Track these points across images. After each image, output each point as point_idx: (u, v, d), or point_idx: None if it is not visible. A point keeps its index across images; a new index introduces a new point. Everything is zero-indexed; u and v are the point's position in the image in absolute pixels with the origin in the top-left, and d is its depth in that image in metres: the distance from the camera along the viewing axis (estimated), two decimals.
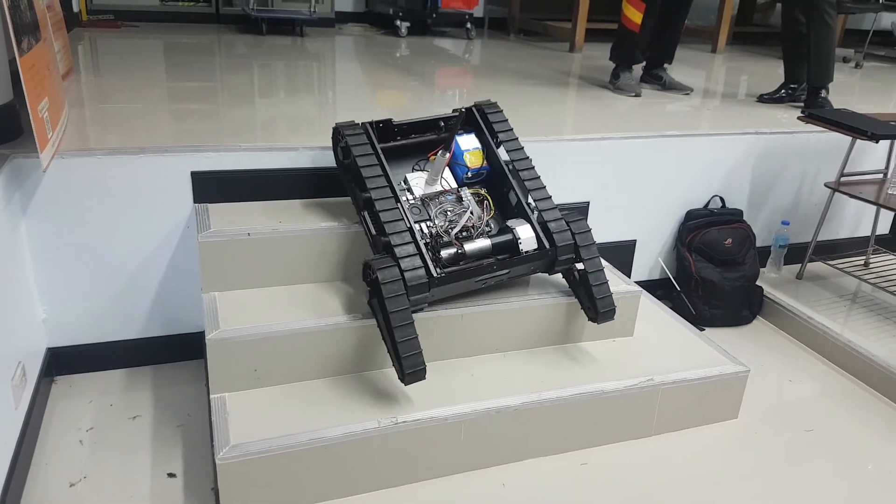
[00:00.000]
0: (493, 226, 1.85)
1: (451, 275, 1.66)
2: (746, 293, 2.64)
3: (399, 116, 2.59)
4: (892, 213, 3.06)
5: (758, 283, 2.69)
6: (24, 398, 1.73)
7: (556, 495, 1.67)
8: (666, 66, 3.45)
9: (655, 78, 3.43)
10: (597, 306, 1.81)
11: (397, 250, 1.60)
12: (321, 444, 1.54)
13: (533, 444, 1.77)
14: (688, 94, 3.36)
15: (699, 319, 2.56)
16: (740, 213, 2.74)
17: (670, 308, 2.34)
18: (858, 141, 2.55)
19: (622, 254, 2.62)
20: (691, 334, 2.15)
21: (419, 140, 1.92)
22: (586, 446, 1.83)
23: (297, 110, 2.60)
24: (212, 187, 2.00)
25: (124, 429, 1.83)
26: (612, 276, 2.12)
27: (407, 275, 1.57)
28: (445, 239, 1.74)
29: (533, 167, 1.89)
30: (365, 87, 3.22)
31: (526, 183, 1.84)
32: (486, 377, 1.80)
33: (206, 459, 1.71)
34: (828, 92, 3.11)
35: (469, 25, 4.93)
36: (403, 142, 1.91)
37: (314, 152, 2.11)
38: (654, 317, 2.22)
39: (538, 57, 4.35)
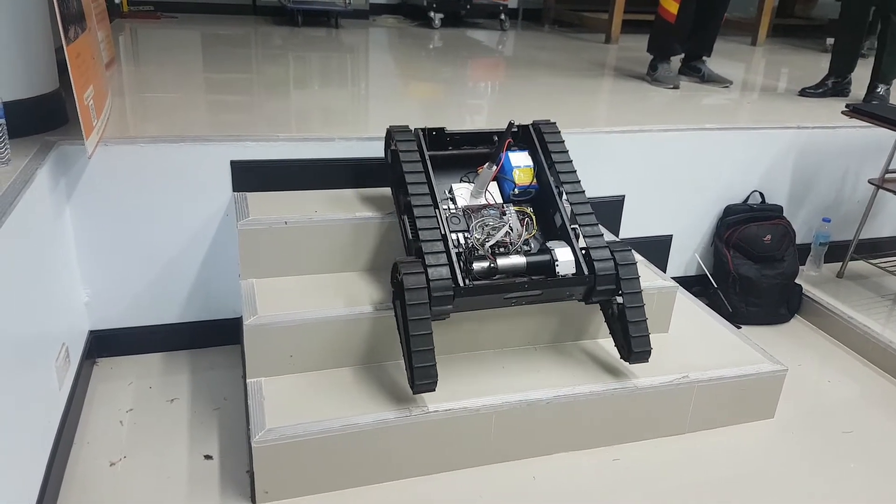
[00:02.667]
0: (532, 245, 1.78)
1: (478, 287, 1.60)
2: (785, 291, 2.59)
3: (432, 108, 2.59)
4: None
5: (797, 280, 2.63)
6: (68, 379, 1.78)
7: (587, 490, 1.66)
8: (705, 58, 3.38)
9: (694, 70, 3.37)
10: (630, 345, 1.71)
11: (427, 255, 1.57)
12: (354, 430, 1.56)
13: (565, 439, 1.76)
14: (727, 86, 3.29)
15: (736, 317, 2.52)
16: (780, 209, 2.68)
17: (707, 305, 2.31)
18: None
19: (658, 249, 2.58)
20: (728, 332, 2.11)
21: (470, 152, 1.88)
22: (619, 442, 1.81)
23: (332, 101, 2.62)
24: (250, 176, 2.03)
25: (163, 411, 1.87)
26: (648, 271, 2.10)
27: (433, 281, 1.54)
28: (480, 252, 1.69)
29: (583, 191, 1.81)
30: (398, 78, 3.22)
31: (573, 207, 1.77)
32: (518, 370, 1.80)
33: (242, 442, 1.74)
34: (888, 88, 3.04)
35: (503, 17, 4.90)
36: (454, 152, 1.87)
37: (350, 143, 2.12)
38: (690, 313, 2.19)
39: (573, 48, 4.31)
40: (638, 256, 2.18)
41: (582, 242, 1.72)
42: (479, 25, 5.12)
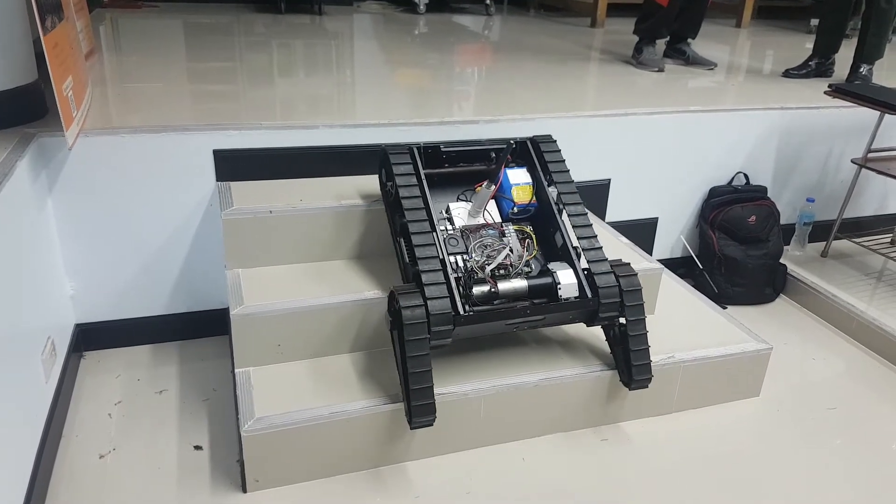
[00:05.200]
0: (533, 266, 1.73)
1: (479, 314, 1.55)
2: (770, 271, 2.61)
3: (420, 96, 2.58)
4: None
5: (781, 260, 2.66)
6: (54, 372, 1.78)
7: (576, 470, 1.68)
8: (690, 40, 3.38)
9: (679, 53, 3.37)
10: (631, 372, 1.68)
11: (425, 279, 1.52)
12: (343, 417, 1.57)
13: (553, 421, 1.78)
14: (712, 69, 3.30)
15: (722, 297, 2.54)
16: (764, 189, 2.69)
17: (692, 286, 2.32)
18: (887, 116, 2.49)
19: (644, 232, 2.60)
20: (713, 312, 2.13)
21: (467, 169, 1.84)
22: (606, 423, 1.83)
23: (317, 89, 2.60)
24: (234, 165, 2.02)
25: (151, 402, 1.87)
26: (634, 253, 2.11)
27: (432, 309, 1.49)
28: (479, 275, 1.63)
29: (585, 211, 1.76)
30: (384, 65, 3.20)
31: (575, 226, 1.73)
32: (504, 354, 1.81)
33: (232, 432, 1.74)
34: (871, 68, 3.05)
35: (488, 1, 4.87)
36: (451, 169, 1.83)
37: (334, 130, 2.11)
38: (676, 295, 2.20)
39: (559, 32, 4.29)
40: (624, 239, 2.19)
41: (584, 263, 1.68)
42: (465, 10, 5.09)
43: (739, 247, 2.58)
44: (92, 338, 2.06)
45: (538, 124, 2.30)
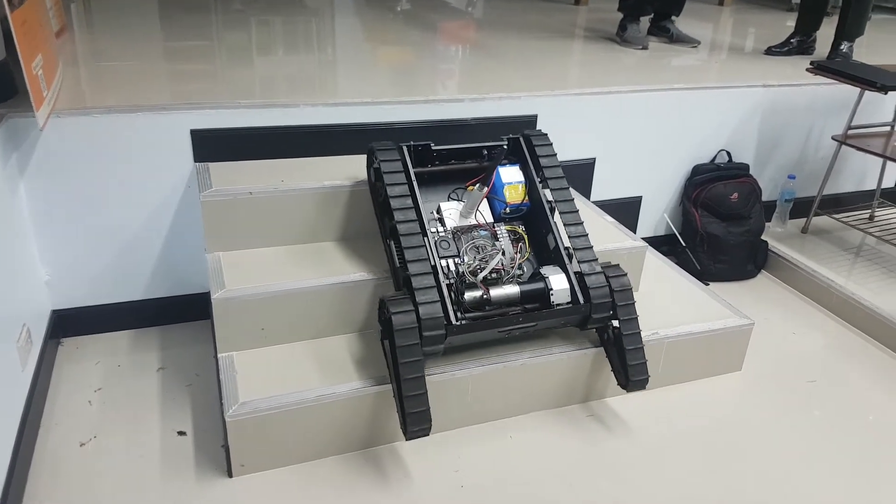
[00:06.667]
0: (525, 269, 1.71)
1: (471, 322, 1.54)
2: (751, 248, 2.63)
3: (403, 74, 2.54)
4: None
5: (763, 237, 2.68)
6: (31, 360, 1.74)
7: (562, 445, 1.69)
8: (674, 18, 3.37)
9: (663, 30, 3.35)
10: (628, 373, 1.67)
11: (417, 290, 1.49)
12: (329, 400, 1.55)
13: (539, 398, 1.78)
14: (695, 46, 3.28)
15: (704, 274, 2.56)
16: (746, 167, 2.70)
17: (676, 263, 2.33)
18: (867, 93, 2.50)
19: (628, 210, 2.60)
20: (696, 289, 2.14)
21: (458, 167, 1.79)
22: (592, 399, 1.84)
23: (297, 68, 2.55)
24: (212, 146, 1.97)
25: (133, 389, 1.84)
26: (618, 231, 2.11)
27: (423, 318, 1.46)
28: (471, 279, 1.60)
29: (576, 210, 1.73)
30: (366, 43, 3.15)
31: (567, 227, 1.71)
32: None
33: (216, 418, 1.72)
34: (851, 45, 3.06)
35: None
36: (442, 168, 1.78)
37: (316, 109, 2.07)
38: (660, 272, 2.21)
39: (543, 10, 4.25)
40: (609, 218, 2.19)
41: (576, 265, 1.66)
42: None
43: (721, 224, 2.59)
44: (70, 324, 2.02)
45: (524, 102, 2.28)
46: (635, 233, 2.60)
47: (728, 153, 2.67)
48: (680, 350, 1.89)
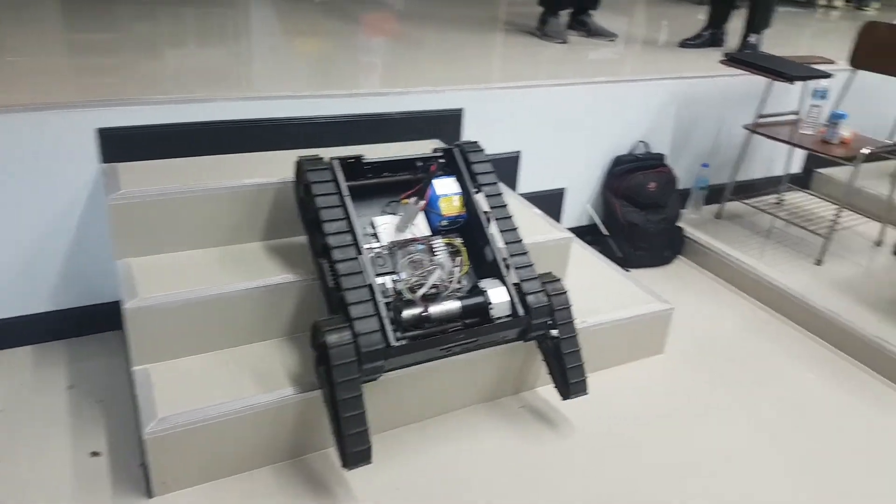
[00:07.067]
0: (464, 283, 1.66)
1: (411, 343, 1.48)
2: (668, 234, 2.72)
3: (322, 66, 2.46)
4: (804, 152, 3.19)
5: (679, 224, 2.77)
6: None
7: (497, 438, 1.70)
8: (591, 12, 3.43)
9: (581, 24, 3.41)
10: (569, 388, 1.68)
11: (352, 310, 1.42)
12: (255, 410, 1.49)
13: (471, 394, 1.78)
14: (612, 40, 3.35)
15: (626, 261, 2.63)
16: (663, 157, 2.79)
17: (599, 251, 2.38)
18: (775, 83, 2.62)
19: (552, 202, 2.63)
20: (619, 276, 2.20)
21: (391, 179, 1.73)
22: (523, 390, 1.86)
23: (211, 61, 2.43)
24: (122, 145, 1.86)
25: (39, 408, 1.71)
26: (546, 224, 2.12)
27: (361, 340, 1.40)
28: (409, 296, 1.55)
29: (511, 216, 1.70)
30: (283, 35, 3.05)
31: (504, 234, 1.68)
32: None
33: (132, 435, 1.63)
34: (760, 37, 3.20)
35: None
36: (375, 180, 1.71)
37: (233, 103, 1.98)
38: (584, 261, 2.25)
39: (464, 2, 4.24)
40: (536, 210, 2.21)
41: (514, 277, 1.63)
42: None
43: (641, 213, 2.67)
44: None
45: (448, 97, 2.27)
46: (560, 223, 2.65)
47: (646, 144, 2.75)
48: (605, 336, 1.93)
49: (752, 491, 1.61)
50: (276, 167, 1.87)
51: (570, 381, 1.68)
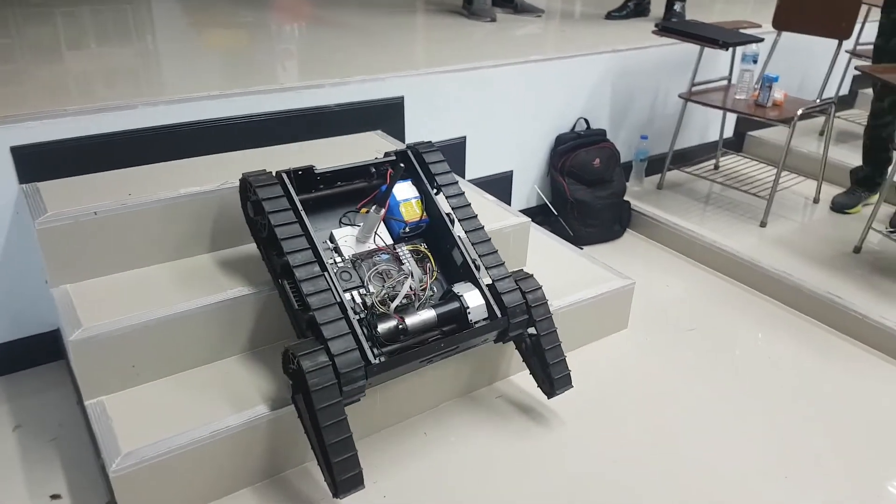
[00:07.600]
0: (436, 289, 1.60)
1: (392, 358, 1.40)
2: (616, 209, 2.75)
3: (238, 60, 2.33)
4: (736, 116, 3.29)
5: (625, 197, 2.81)
6: None
7: (476, 429, 1.68)
8: None
9: (507, 1, 3.39)
10: (550, 374, 1.64)
11: (325, 330, 1.34)
12: (226, 434, 1.40)
13: (448, 390, 1.74)
14: (539, 15, 3.35)
15: (577, 239, 2.64)
16: (604, 132, 2.81)
17: (550, 231, 2.38)
18: (706, 50, 2.68)
19: (501, 185, 2.61)
20: (575, 255, 2.21)
21: (346, 188, 1.64)
22: (497, 380, 1.84)
23: (118, 62, 2.26)
24: (40, 163, 1.70)
25: None
26: (500, 209, 2.10)
27: (338, 360, 1.32)
28: (382, 309, 1.48)
29: (480, 224, 1.65)
30: (191, 28, 2.87)
31: (470, 235, 1.62)
32: None
33: (93, 473, 1.51)
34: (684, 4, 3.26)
35: None
36: (328, 191, 1.62)
37: (156, 108, 1.85)
38: (540, 243, 2.24)
39: None
40: (489, 196, 2.18)
41: (486, 278, 1.58)
42: None
43: (588, 189, 2.68)
44: None
45: (388, 84, 2.19)
46: (510, 206, 2.63)
47: (586, 120, 2.76)
48: (572, 317, 1.93)
49: (735, 453, 1.66)
50: (213, 173, 1.77)
51: (554, 378, 1.65)
